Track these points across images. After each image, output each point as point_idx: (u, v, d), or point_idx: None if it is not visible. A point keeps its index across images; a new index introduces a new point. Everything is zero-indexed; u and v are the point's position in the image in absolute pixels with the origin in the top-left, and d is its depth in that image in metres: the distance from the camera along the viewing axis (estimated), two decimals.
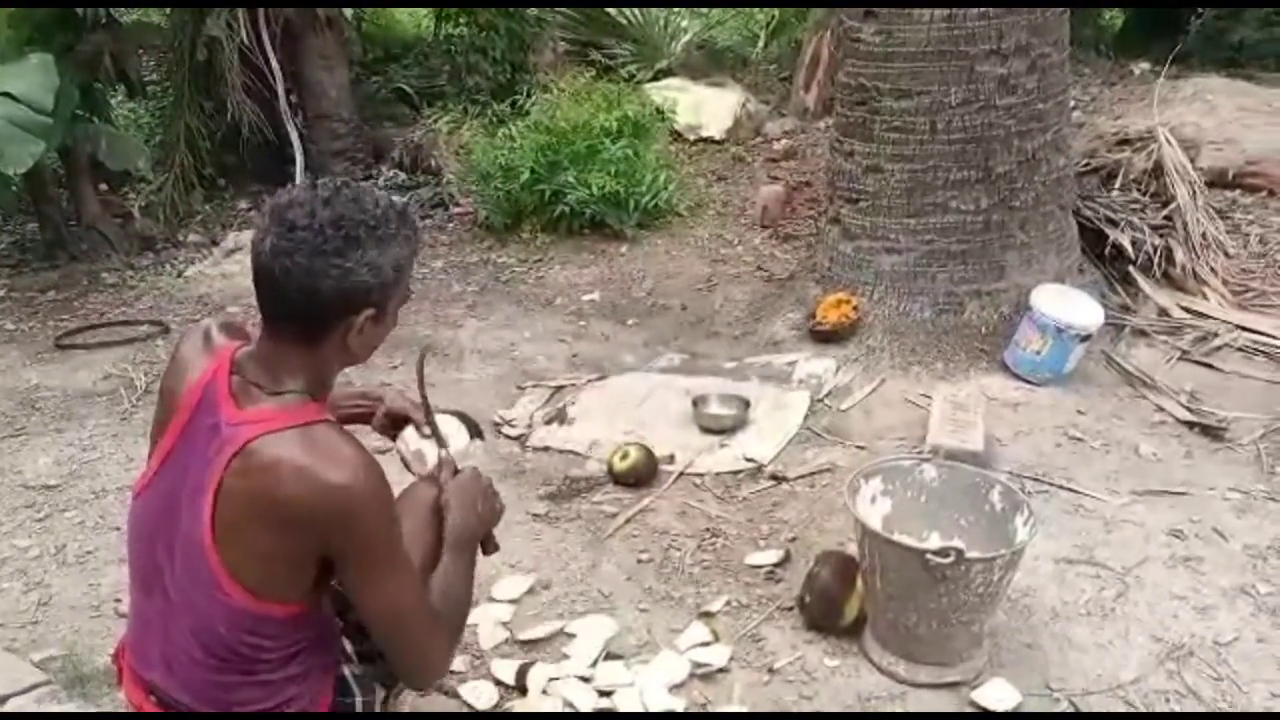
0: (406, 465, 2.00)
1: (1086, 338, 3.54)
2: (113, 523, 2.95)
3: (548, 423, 3.56)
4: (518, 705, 2.23)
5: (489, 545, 1.99)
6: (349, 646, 1.83)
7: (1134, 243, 4.11)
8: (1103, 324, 3.64)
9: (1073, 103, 4.53)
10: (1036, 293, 3.63)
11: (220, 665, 1.66)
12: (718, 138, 6.17)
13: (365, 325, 1.61)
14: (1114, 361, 3.71)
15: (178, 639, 1.67)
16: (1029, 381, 3.57)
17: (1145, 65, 6.43)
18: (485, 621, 2.51)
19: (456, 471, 1.95)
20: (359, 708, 1.82)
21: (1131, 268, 4.14)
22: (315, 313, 1.58)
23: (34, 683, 2.24)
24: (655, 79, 6.68)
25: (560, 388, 3.82)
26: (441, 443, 1.97)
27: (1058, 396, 3.49)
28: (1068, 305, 3.59)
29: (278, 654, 1.67)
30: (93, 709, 2.16)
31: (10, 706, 2.16)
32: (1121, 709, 2.22)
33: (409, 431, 2.03)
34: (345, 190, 1.59)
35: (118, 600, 2.57)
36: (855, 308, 3.84)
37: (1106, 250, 4.16)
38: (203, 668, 1.67)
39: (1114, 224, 4.17)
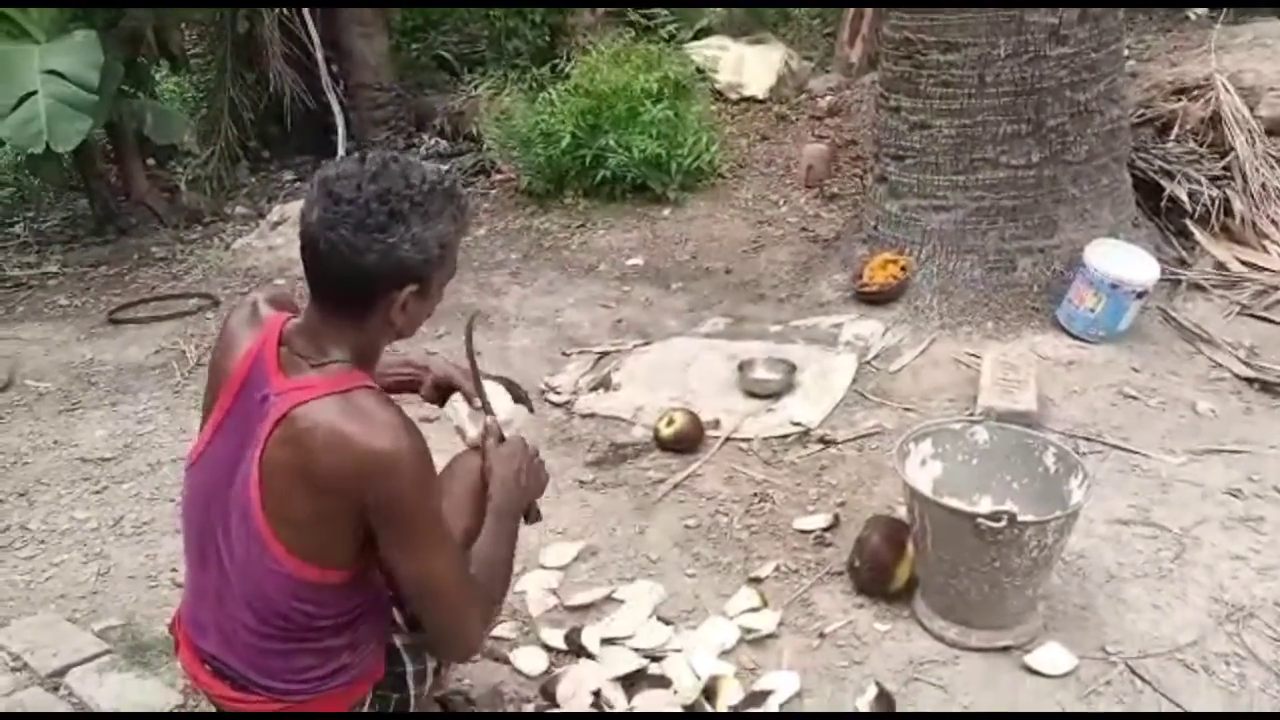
0: (460, 433, 2.00)
1: (1142, 294, 3.46)
2: (168, 494, 3.00)
3: (593, 389, 3.56)
4: (569, 669, 2.23)
5: (531, 514, 1.98)
6: (399, 616, 1.84)
7: (1191, 195, 4.00)
8: (1158, 279, 3.56)
9: (1126, 51, 4.40)
10: (1090, 248, 3.55)
11: (273, 633, 1.68)
12: (760, 96, 6.07)
13: (409, 300, 1.61)
14: (1170, 318, 3.62)
15: (231, 607, 1.70)
16: (1083, 340, 3.50)
17: (1202, 11, 6.22)
18: (534, 588, 2.52)
19: (502, 439, 1.95)
20: (409, 677, 1.83)
21: (1188, 220, 4.03)
22: (359, 287, 1.58)
23: (95, 652, 2.29)
24: (696, 38, 6.58)
25: (605, 354, 3.81)
26: (489, 410, 1.97)
27: (1112, 354, 3.41)
28: (1122, 260, 3.50)
29: (329, 622, 1.68)
30: (152, 678, 2.20)
31: (72, 676, 2.21)
32: (1180, 672, 2.18)
33: (457, 399, 2.03)
34: (393, 164, 1.58)
35: (174, 570, 2.61)
36: (903, 268, 3.78)
37: (1163, 203, 4.06)
38: (256, 635, 1.69)
39: (1170, 176, 4.06)
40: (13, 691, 2.18)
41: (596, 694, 2.14)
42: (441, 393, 2.07)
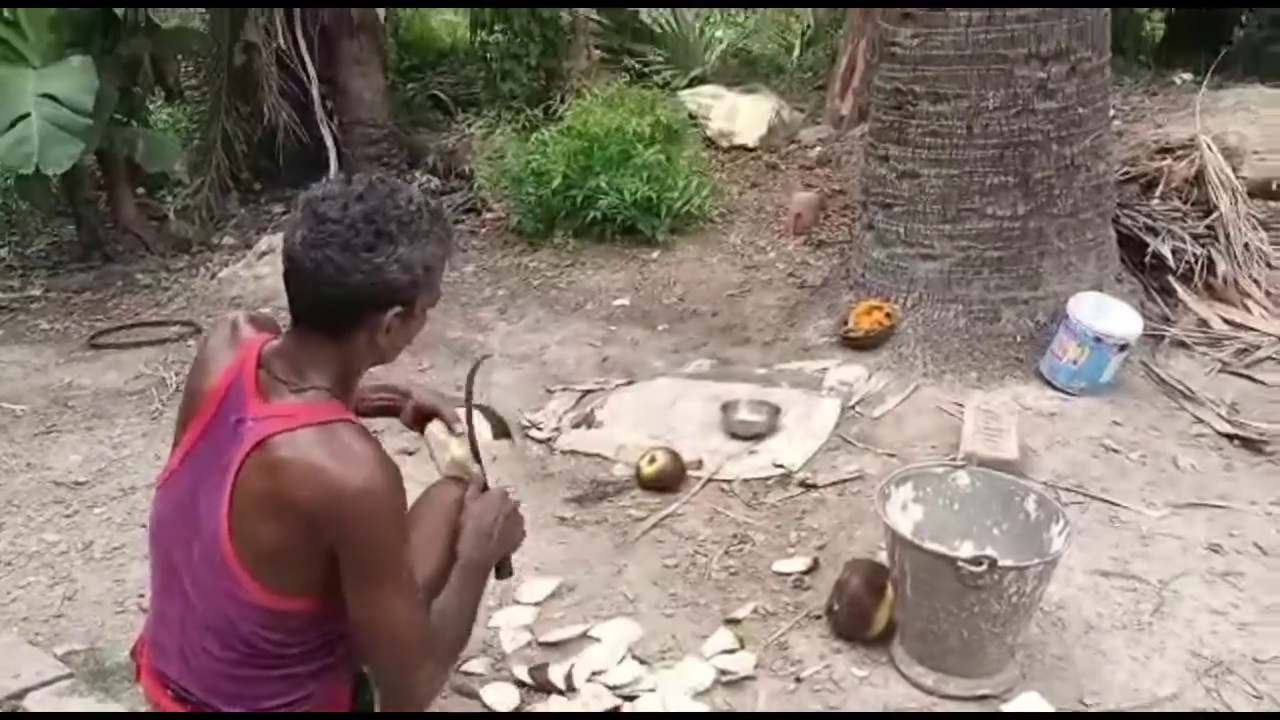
0: (433, 457, 1.98)
1: (1124, 347, 3.47)
2: (140, 520, 2.96)
3: (575, 426, 3.54)
4: (538, 706, 2.20)
5: (504, 569, 1.95)
6: None
7: (1174, 252, 4.03)
8: (1141, 334, 3.57)
9: (1113, 111, 4.46)
10: (1074, 301, 3.57)
11: (236, 660, 1.64)
12: (751, 145, 6.13)
13: (393, 323, 1.60)
14: (1152, 373, 3.63)
15: (194, 634, 1.66)
16: (1065, 391, 3.50)
17: (1187, 75, 6.34)
18: (508, 625, 2.49)
19: (485, 489, 1.92)
20: (378, 706, 1.79)
21: (1171, 277, 4.06)
22: (344, 308, 1.57)
23: (56, 675, 2.25)
24: (690, 85, 6.66)
25: (589, 391, 3.80)
26: (476, 456, 1.93)
27: (1094, 407, 3.42)
28: (1106, 314, 3.52)
29: (295, 650, 1.65)
30: (112, 703, 2.15)
31: (32, 699, 2.17)
32: None
33: (435, 425, 2.01)
34: (379, 186, 1.58)
35: (141, 596, 2.57)
36: (888, 315, 3.79)
37: (1146, 259, 4.08)
38: (219, 662, 1.65)
39: (1154, 233, 4.09)
40: None
41: None
42: (421, 419, 2.06)
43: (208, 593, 1.62)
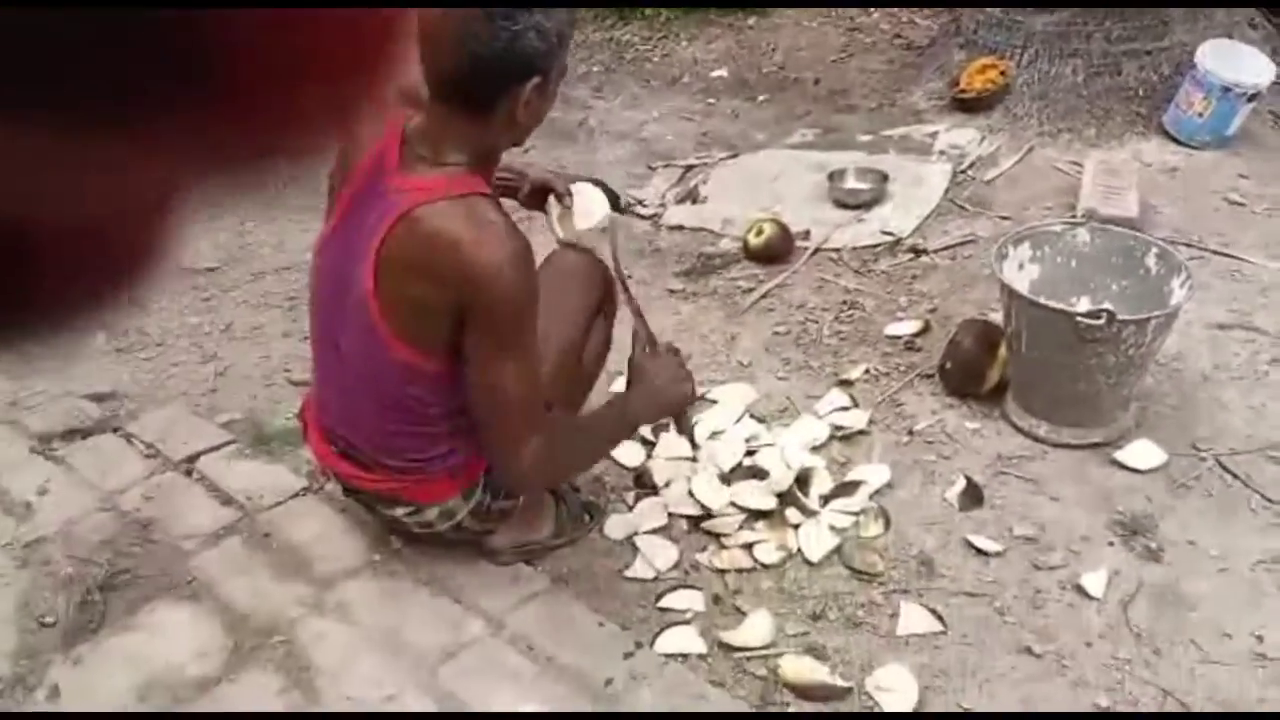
0: (552, 230, 2.05)
1: (1255, 96, 3.31)
2: (274, 301, 3.11)
3: (680, 201, 3.55)
4: (658, 456, 2.32)
5: (683, 424, 2.03)
6: None
7: None
8: (1273, 81, 3.38)
9: None
10: (1202, 49, 3.38)
11: (385, 415, 1.78)
12: None
13: (531, 95, 1.61)
14: None
15: (350, 389, 1.81)
16: (1189, 146, 3.37)
17: None
18: None
19: (653, 345, 1.96)
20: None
21: None
22: (485, 80, 1.59)
23: (221, 441, 2.44)
24: None
25: (691, 167, 3.78)
26: (641, 318, 1.98)
27: (1219, 160, 3.30)
28: (1235, 62, 3.33)
29: (437, 408, 1.77)
30: (277, 464, 2.35)
31: (203, 462, 2.37)
32: (1271, 468, 2.20)
33: (552, 200, 2.07)
34: None
35: (287, 370, 2.74)
36: (1002, 72, 3.64)
37: None
38: (375, 416, 1.80)
39: None
40: (150, 475, 2.34)
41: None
42: (539, 197, 2.11)
43: (358, 349, 1.75)
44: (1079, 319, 2.12)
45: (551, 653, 1.84)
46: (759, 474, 2.23)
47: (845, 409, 2.47)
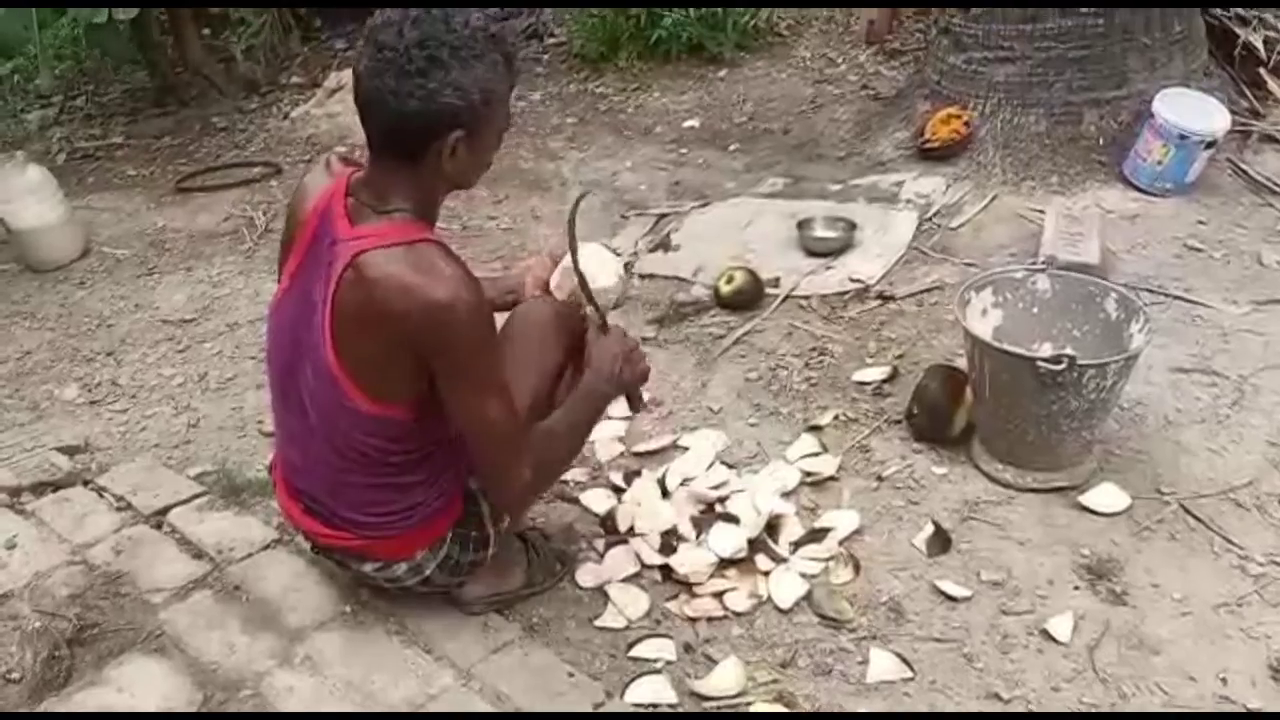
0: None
1: (1211, 144, 3.38)
2: (248, 352, 3.12)
3: (652, 250, 3.59)
4: (627, 501, 2.34)
5: (636, 402, 2.07)
6: None
7: (1266, 42, 3.86)
8: (1229, 130, 3.47)
9: None
10: (1160, 97, 3.46)
11: (352, 468, 1.79)
12: None
13: (458, 148, 1.65)
14: (1239, 170, 3.55)
15: (315, 444, 1.81)
16: (1148, 193, 3.44)
17: None
18: (601, 438, 2.60)
19: (604, 328, 2.00)
20: (486, 516, 1.94)
21: (1262, 69, 3.90)
22: (407, 134, 1.64)
23: (192, 494, 2.44)
24: None
25: (664, 215, 3.83)
26: (588, 295, 1.98)
27: (1178, 207, 3.37)
28: (1192, 110, 3.42)
29: (397, 458, 1.79)
30: (248, 516, 2.35)
31: (174, 515, 2.37)
32: (1233, 511, 2.23)
33: (557, 272, 2.11)
34: (434, 11, 1.60)
35: (260, 421, 2.74)
36: (966, 123, 3.72)
37: (1236, 51, 3.91)
38: (339, 471, 1.81)
39: (1244, 22, 3.92)
40: (120, 528, 2.34)
41: (667, 531, 2.25)
42: (544, 286, 2.15)
43: (320, 404, 1.76)
44: (1040, 364, 2.16)
45: (521, 703, 1.84)
46: (730, 519, 2.25)
47: (815, 455, 2.50)
